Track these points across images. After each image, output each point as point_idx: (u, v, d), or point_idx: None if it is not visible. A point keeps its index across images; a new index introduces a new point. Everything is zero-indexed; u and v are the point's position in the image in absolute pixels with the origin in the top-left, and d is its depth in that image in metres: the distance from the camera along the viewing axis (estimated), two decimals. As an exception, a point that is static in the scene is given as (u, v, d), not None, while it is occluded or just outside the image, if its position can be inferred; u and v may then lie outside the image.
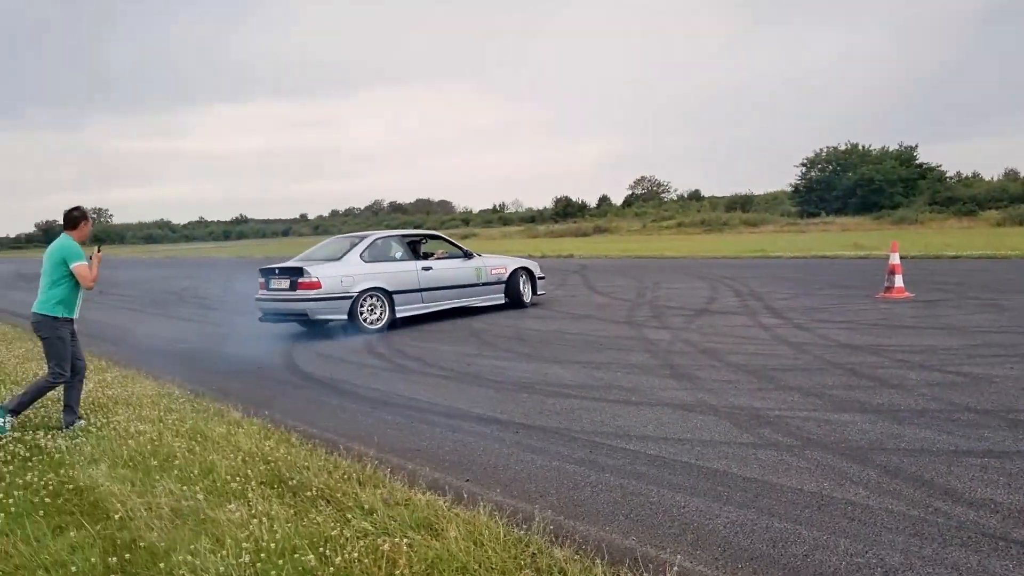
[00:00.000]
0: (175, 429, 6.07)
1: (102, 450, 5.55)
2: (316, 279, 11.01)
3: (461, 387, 7.36)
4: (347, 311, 11.17)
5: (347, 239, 12.62)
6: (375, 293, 11.47)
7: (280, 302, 11.28)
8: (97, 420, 6.40)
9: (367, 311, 11.42)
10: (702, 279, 16.94)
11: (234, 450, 5.34)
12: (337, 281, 11.15)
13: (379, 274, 11.61)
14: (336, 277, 11.17)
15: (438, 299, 12.32)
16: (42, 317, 6.19)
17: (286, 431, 5.91)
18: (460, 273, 12.72)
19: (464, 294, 12.74)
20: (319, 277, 11.04)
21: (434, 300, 12.26)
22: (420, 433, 5.93)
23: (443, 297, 12.41)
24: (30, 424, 6.41)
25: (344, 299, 11.15)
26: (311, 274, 11.04)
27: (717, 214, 65.97)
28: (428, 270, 12.26)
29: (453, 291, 12.55)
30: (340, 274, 11.23)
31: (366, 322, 11.37)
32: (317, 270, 11.13)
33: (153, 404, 6.97)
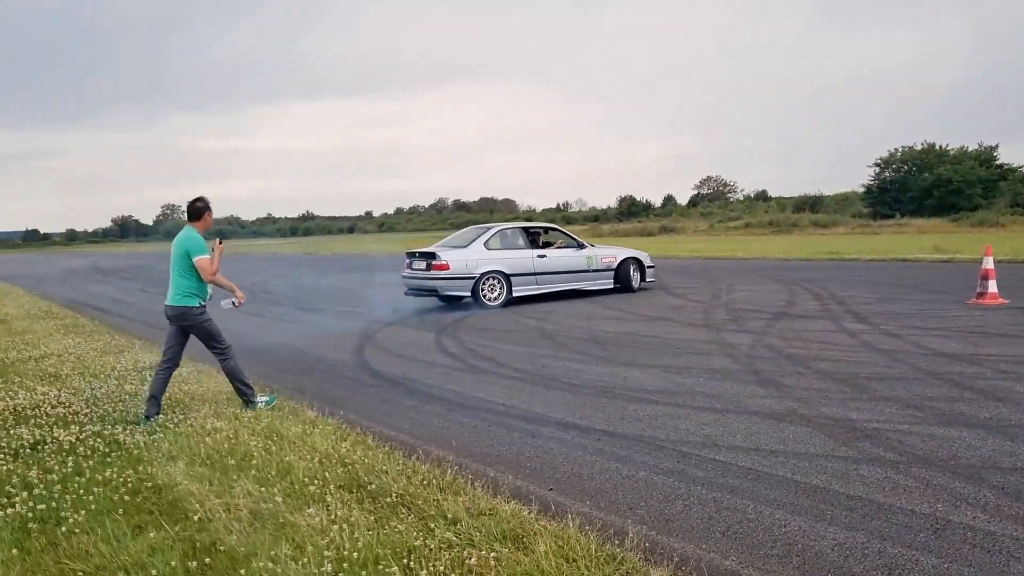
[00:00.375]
0: (251, 427, 5.99)
1: (179, 447, 5.49)
2: (445, 262, 13.50)
3: (536, 389, 7.16)
4: (470, 289, 13.58)
5: (476, 230, 15.03)
6: (495, 275, 13.84)
7: (419, 279, 13.84)
8: (174, 416, 6.36)
9: (487, 290, 13.74)
10: (777, 281, 16.45)
11: (310, 451, 5.23)
12: (463, 264, 13.60)
13: (499, 259, 13.93)
14: (462, 261, 13.60)
15: (551, 282, 14.57)
16: (180, 309, 6.37)
17: (362, 432, 5.80)
18: (571, 261, 14.89)
19: (574, 279, 14.93)
20: (448, 260, 13.52)
21: (547, 283, 14.52)
22: (498, 438, 5.75)
23: (555, 281, 14.67)
24: (108, 418, 6.40)
25: (468, 279, 13.57)
26: (441, 258, 13.55)
27: (786, 215, 64.59)
28: (543, 257, 14.51)
29: (564, 276, 14.78)
30: (465, 258, 13.65)
31: (486, 299, 13.67)
32: (447, 255, 13.61)
33: (228, 401, 6.91)
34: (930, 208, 59.51)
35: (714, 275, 18.95)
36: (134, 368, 8.58)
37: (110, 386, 7.64)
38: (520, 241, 14.54)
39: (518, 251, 14.31)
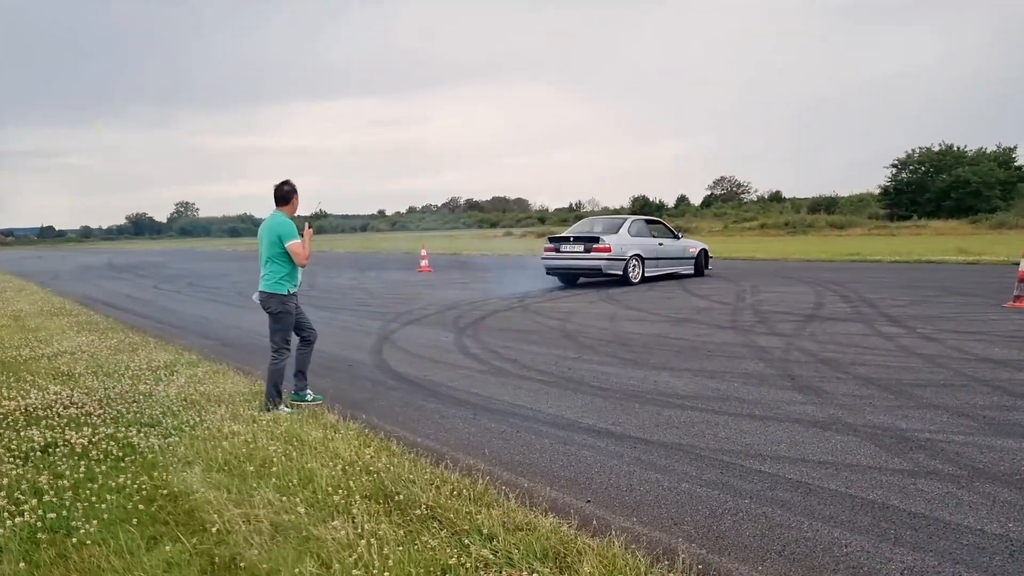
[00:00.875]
0: (269, 431, 5.75)
1: (196, 451, 5.25)
2: (608, 245, 16.28)
3: (564, 393, 6.89)
4: (621, 269, 16.54)
5: (611, 220, 17.71)
6: (636, 257, 16.82)
7: (574, 260, 16.66)
8: (190, 418, 6.11)
9: (631, 269, 16.68)
10: (800, 283, 16.13)
11: (333, 457, 4.98)
12: (619, 248, 16.43)
13: (638, 245, 16.98)
14: (619, 245, 16.45)
15: (663, 266, 17.75)
16: (270, 295, 6.37)
17: (385, 438, 5.53)
18: (676, 248, 18.18)
19: (675, 264, 18.15)
20: (610, 244, 16.29)
21: (662, 267, 17.70)
22: (528, 444, 5.49)
23: (666, 265, 17.87)
24: (122, 420, 6.17)
25: (620, 260, 16.52)
26: (605, 241, 16.31)
27: (801, 215, 64.09)
28: (661, 245, 17.70)
29: (672, 261, 18.02)
30: (620, 243, 16.49)
31: (631, 277, 16.68)
32: (609, 239, 16.35)
33: (245, 402, 6.66)
34: (947, 210, 58.87)
35: (735, 276, 18.62)
36: (148, 367, 8.35)
37: (124, 385, 7.41)
38: (645, 230, 17.52)
39: (648, 239, 17.33)
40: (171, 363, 8.59)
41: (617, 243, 16.47)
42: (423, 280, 21.20)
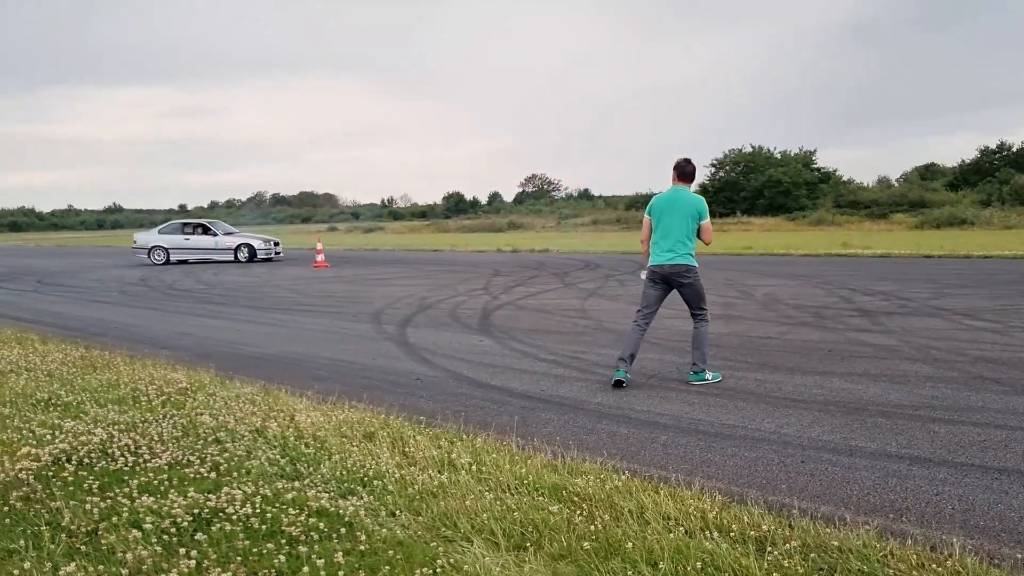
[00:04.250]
0: (492, 479, 4.16)
1: (432, 515, 3.63)
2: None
3: (765, 408, 5.76)
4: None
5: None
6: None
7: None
8: (344, 463, 4.39)
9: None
10: (776, 276, 15.67)
11: (642, 512, 3.51)
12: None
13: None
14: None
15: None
16: (683, 267, 6.36)
17: (654, 480, 4.13)
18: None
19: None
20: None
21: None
22: (857, 481, 4.27)
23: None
24: (238, 468, 4.33)
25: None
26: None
27: (631, 213, 65.79)
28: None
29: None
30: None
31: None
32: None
33: (393, 438, 4.96)
34: (761, 208, 62.35)
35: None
36: (161, 389, 6.30)
37: (169, 418, 5.44)
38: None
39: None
40: (194, 386, 6.55)
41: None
42: (334, 276, 19.17)
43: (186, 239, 26.46)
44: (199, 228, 26.91)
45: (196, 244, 26.44)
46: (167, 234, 26.66)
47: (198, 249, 26.38)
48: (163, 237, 26.53)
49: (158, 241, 26.42)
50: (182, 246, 26.37)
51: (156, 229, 27.14)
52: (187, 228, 26.86)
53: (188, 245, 26.41)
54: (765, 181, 62.82)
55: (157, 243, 26.35)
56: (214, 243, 26.36)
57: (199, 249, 26.38)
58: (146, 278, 19.70)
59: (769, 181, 62.79)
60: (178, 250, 26.31)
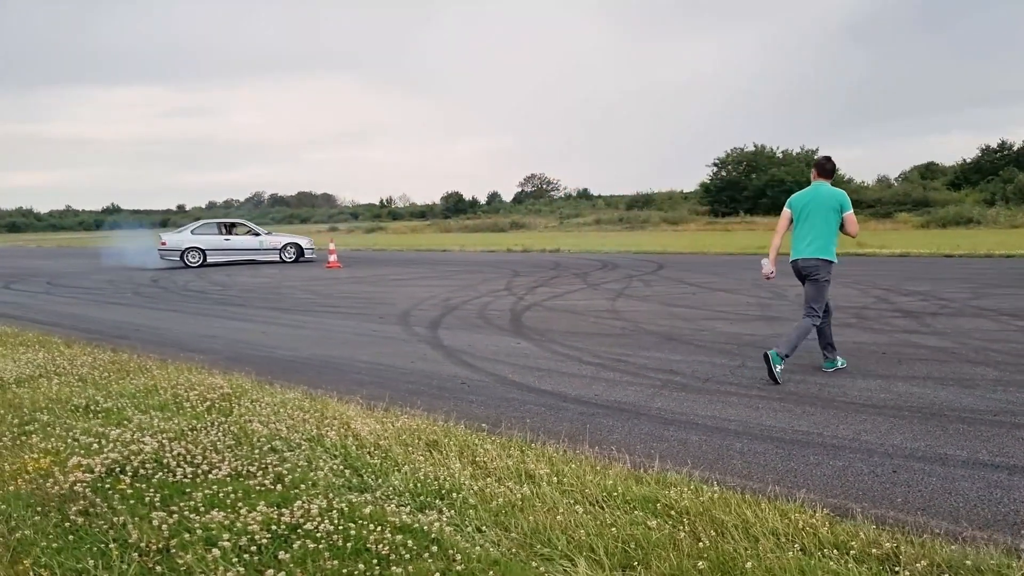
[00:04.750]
0: (576, 490, 3.96)
1: (522, 531, 3.42)
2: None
3: (825, 412, 5.60)
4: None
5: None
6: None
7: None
8: (416, 476, 4.17)
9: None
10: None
11: (769, 535, 3.29)
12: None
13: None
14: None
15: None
16: (824, 261, 6.48)
17: (719, 486, 3.92)
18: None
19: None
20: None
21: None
22: (960, 492, 4.02)
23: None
24: (302, 480, 4.12)
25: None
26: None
27: (634, 212, 65.68)
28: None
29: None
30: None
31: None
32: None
33: (460, 447, 4.74)
34: (764, 207, 62.13)
35: (696, 270, 17.78)
36: (202, 396, 6.08)
37: (216, 426, 5.22)
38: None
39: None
40: (236, 391, 6.32)
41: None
42: (348, 276, 18.94)
43: (226, 239, 25.25)
44: (240, 227, 25.87)
45: (238, 244, 25.29)
46: (202, 234, 25.25)
47: (240, 249, 25.24)
48: (199, 238, 25.12)
49: (193, 242, 24.95)
50: (221, 247, 25.17)
51: (188, 229, 25.67)
52: (225, 228, 25.64)
53: (228, 246, 25.21)
54: (768, 180, 62.61)
55: (192, 244, 24.90)
56: (258, 243, 25.24)
57: (241, 249, 25.24)
58: (158, 279, 19.47)
59: (772, 180, 62.59)
60: (217, 251, 25.11)
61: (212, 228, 25.57)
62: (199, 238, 25.06)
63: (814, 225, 6.48)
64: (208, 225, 25.75)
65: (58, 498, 4.07)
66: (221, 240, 25.18)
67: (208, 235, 25.24)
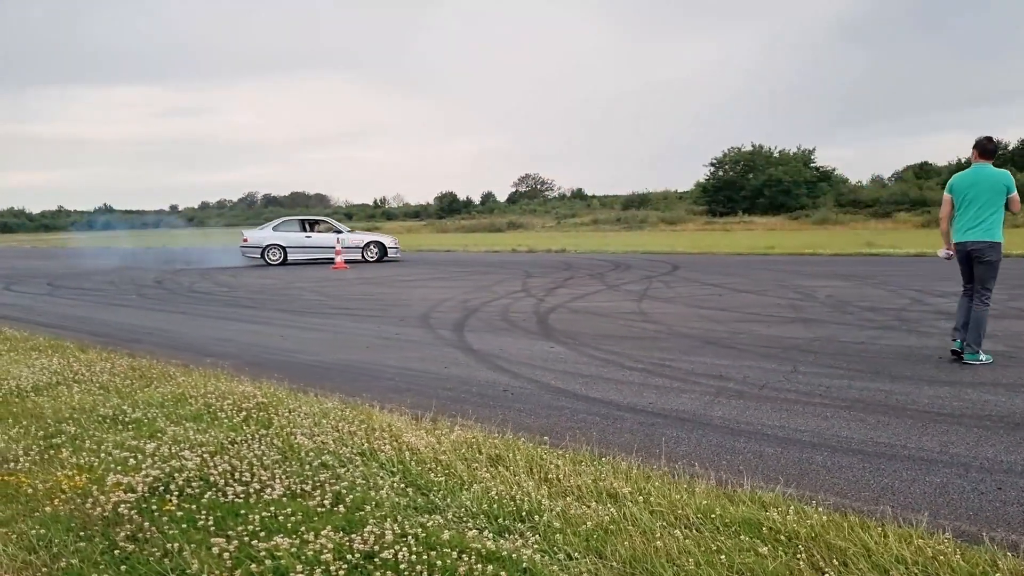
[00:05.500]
0: (646, 508, 3.63)
1: (607, 565, 3.10)
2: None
3: (900, 422, 5.34)
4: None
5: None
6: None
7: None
8: (475, 494, 3.85)
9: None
10: (819, 277, 15.18)
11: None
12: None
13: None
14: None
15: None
16: (992, 244, 6.51)
17: (822, 507, 3.62)
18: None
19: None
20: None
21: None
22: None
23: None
24: (364, 501, 3.79)
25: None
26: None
27: (631, 212, 65.50)
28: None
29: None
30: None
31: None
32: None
33: (528, 463, 4.42)
34: (761, 207, 62.00)
35: (711, 271, 17.48)
36: (235, 405, 5.75)
37: (257, 440, 4.90)
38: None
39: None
40: (270, 400, 5.98)
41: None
42: (356, 277, 18.61)
43: (307, 236, 24.26)
44: (322, 224, 24.92)
45: (318, 242, 24.18)
46: (284, 231, 24.36)
47: (320, 247, 24.10)
48: (279, 235, 24.22)
49: (274, 239, 24.10)
50: (302, 244, 24.19)
51: (270, 226, 24.81)
52: (308, 225, 24.73)
53: (309, 243, 24.19)
54: (765, 180, 62.46)
55: (273, 241, 24.05)
56: (337, 240, 23.84)
57: (322, 247, 24.07)
58: (161, 280, 19.07)
59: (769, 180, 62.46)
60: (298, 249, 24.13)
61: (294, 225, 24.72)
62: (280, 235, 24.22)
63: (981, 207, 6.50)
64: (290, 222, 24.92)
65: (101, 521, 3.74)
66: (302, 237, 24.25)
67: (289, 232, 24.36)
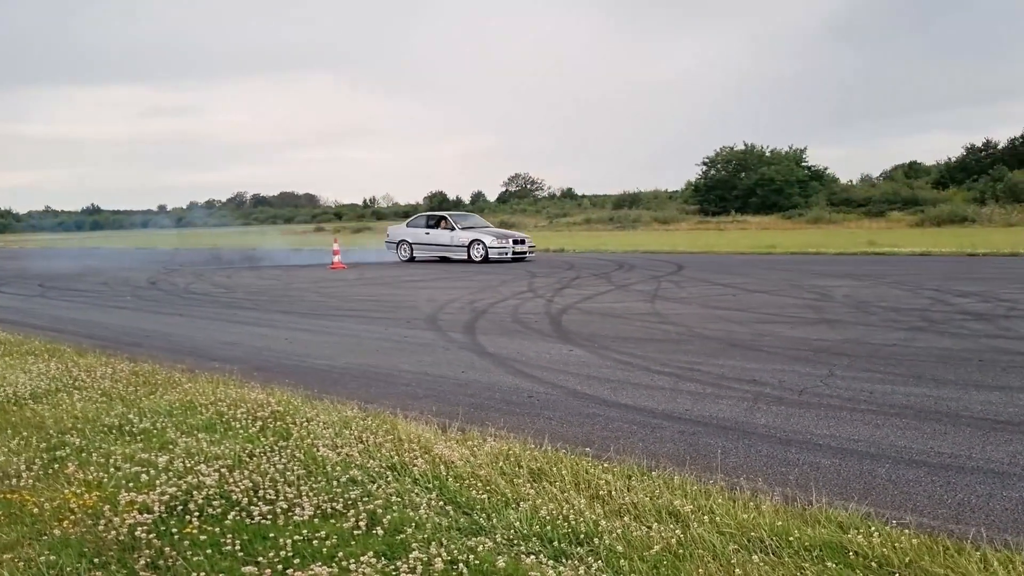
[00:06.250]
0: (713, 529, 3.33)
1: None
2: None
3: (958, 430, 5.09)
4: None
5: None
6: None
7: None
8: (523, 514, 3.55)
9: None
10: (830, 276, 14.93)
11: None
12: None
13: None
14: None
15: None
16: None
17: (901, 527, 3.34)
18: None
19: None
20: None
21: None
22: None
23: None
24: (408, 522, 3.48)
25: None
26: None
27: (623, 211, 65.29)
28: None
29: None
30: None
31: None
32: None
33: (575, 478, 4.10)
34: (754, 206, 61.90)
35: (717, 270, 17.22)
36: (250, 414, 5.43)
37: (276, 454, 4.59)
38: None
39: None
40: (286, 408, 5.64)
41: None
42: (357, 278, 18.25)
43: (427, 233, 22.91)
44: (440, 221, 23.21)
45: (435, 239, 22.81)
46: (413, 227, 23.29)
47: (436, 245, 22.80)
48: (408, 231, 23.23)
49: (404, 235, 23.21)
50: (423, 241, 22.96)
51: (405, 222, 23.97)
52: (432, 221, 23.35)
53: (428, 240, 22.91)
54: (758, 179, 62.36)
55: (403, 237, 23.22)
56: (450, 238, 22.41)
57: (436, 245, 22.77)
58: (156, 281, 18.66)
59: (762, 179, 62.37)
60: (420, 246, 22.96)
61: (420, 221, 23.58)
62: (409, 231, 23.30)
63: None
64: (419, 217, 23.90)
65: (117, 545, 3.41)
66: (423, 234, 23.03)
67: (415, 228, 23.27)
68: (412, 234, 23.01)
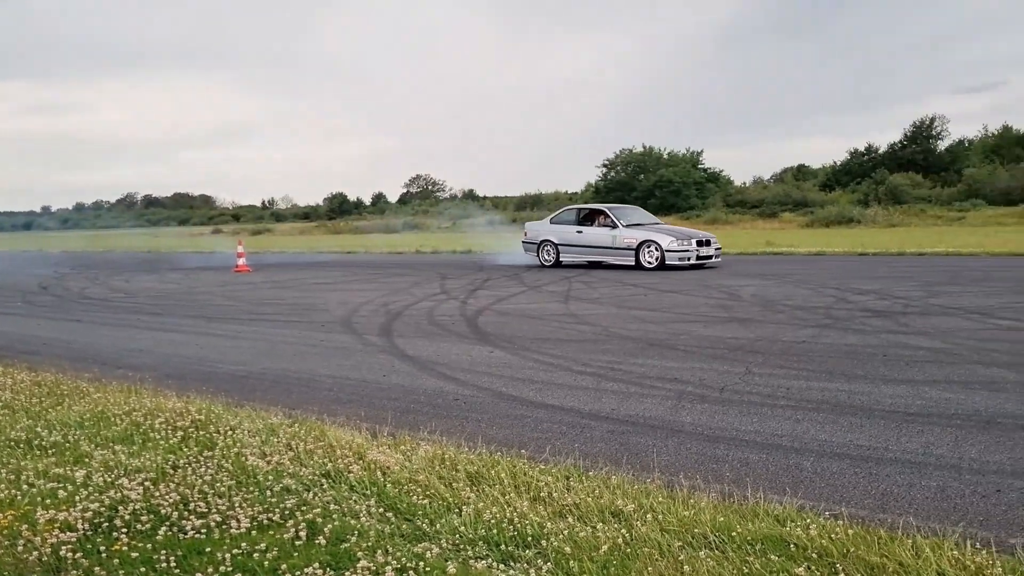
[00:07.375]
0: (656, 527, 3.41)
1: None
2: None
3: (872, 423, 5.29)
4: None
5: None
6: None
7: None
8: (466, 518, 3.54)
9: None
10: (737, 276, 15.34)
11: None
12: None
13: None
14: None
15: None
16: None
17: (832, 517, 3.50)
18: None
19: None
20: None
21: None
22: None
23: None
24: (344, 529, 3.43)
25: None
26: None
27: (526, 213, 65.63)
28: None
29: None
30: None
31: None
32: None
33: (514, 480, 4.12)
34: (653, 207, 63.13)
35: (627, 270, 17.46)
36: (168, 423, 5.24)
37: (201, 464, 4.44)
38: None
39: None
40: (206, 417, 5.46)
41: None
42: (264, 280, 17.79)
43: (578, 232, 18.67)
44: (597, 216, 18.84)
45: (589, 240, 18.44)
46: (559, 224, 19.24)
47: (590, 247, 18.46)
48: (554, 228, 19.17)
49: (548, 234, 19.22)
50: (572, 242, 18.73)
51: (549, 217, 20.12)
52: (584, 216, 19.05)
53: (579, 241, 18.62)
54: (656, 181, 63.74)
55: (547, 236, 19.19)
56: (611, 239, 18.01)
57: (591, 248, 18.44)
58: (47, 286, 17.77)
59: (660, 181, 63.76)
60: (569, 248, 18.80)
61: (570, 215, 19.43)
62: (555, 229, 19.21)
63: None
64: (568, 212, 19.67)
65: (40, 567, 3.24)
66: (572, 233, 18.80)
67: (563, 225, 19.15)
68: (559, 232, 18.95)
